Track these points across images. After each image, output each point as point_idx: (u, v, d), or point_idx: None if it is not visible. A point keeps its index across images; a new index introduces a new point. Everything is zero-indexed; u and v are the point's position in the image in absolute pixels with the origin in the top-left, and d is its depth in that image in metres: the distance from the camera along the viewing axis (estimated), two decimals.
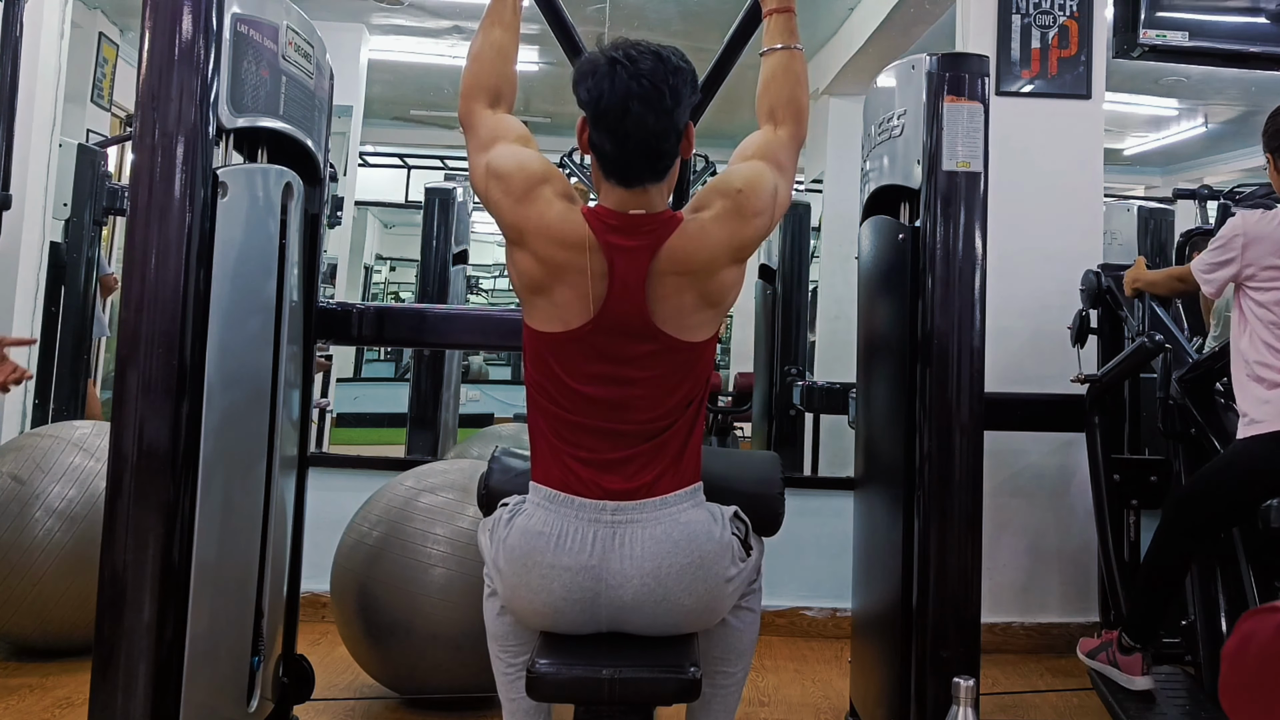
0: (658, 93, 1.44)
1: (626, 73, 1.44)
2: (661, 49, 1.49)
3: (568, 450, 1.51)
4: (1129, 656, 2.28)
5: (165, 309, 1.58)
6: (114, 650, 1.56)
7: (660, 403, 1.51)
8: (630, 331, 1.48)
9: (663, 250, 1.47)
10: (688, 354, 1.52)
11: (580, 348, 1.49)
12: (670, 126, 1.47)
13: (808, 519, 3.00)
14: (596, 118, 1.48)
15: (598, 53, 1.49)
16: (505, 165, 1.52)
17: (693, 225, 1.49)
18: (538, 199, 1.49)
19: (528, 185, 1.49)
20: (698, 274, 1.49)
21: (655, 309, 1.48)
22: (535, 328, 1.53)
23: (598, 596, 1.48)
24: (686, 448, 1.53)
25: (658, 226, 1.48)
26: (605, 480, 1.49)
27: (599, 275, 1.46)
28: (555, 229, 1.47)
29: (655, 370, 1.50)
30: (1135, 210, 3.83)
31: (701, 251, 1.49)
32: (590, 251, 1.46)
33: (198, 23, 1.61)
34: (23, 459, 2.58)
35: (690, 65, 1.52)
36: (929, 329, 1.93)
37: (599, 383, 1.49)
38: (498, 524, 1.56)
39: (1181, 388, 2.45)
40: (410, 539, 2.28)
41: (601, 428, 1.50)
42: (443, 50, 5.93)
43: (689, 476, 1.53)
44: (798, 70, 1.66)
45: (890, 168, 2.10)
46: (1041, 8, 3.17)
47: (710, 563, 1.50)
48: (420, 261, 4.10)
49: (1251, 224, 2.14)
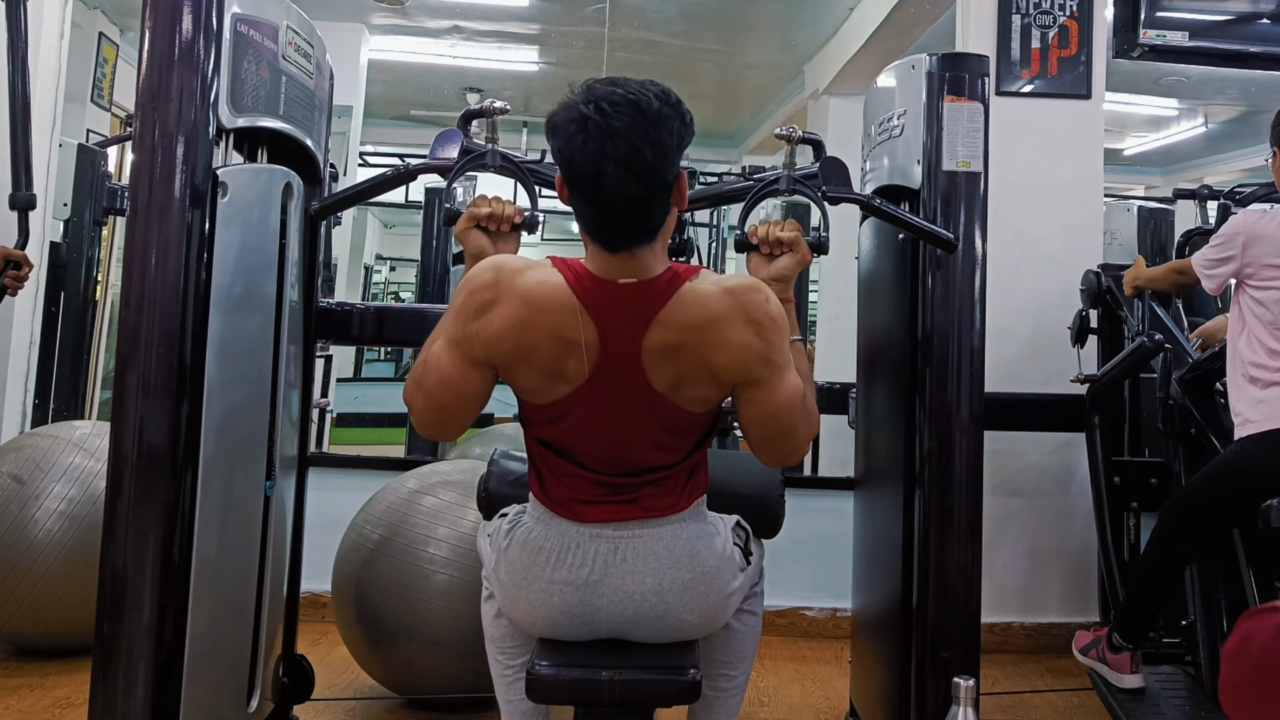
0: (635, 153, 1.29)
1: (599, 131, 1.29)
2: (642, 95, 1.31)
3: (566, 489, 1.47)
4: (1118, 655, 2.29)
5: (165, 309, 1.58)
6: (114, 650, 1.56)
7: (659, 457, 1.45)
8: (627, 395, 1.39)
9: (658, 319, 1.36)
10: (690, 420, 1.44)
11: (575, 408, 1.41)
12: (654, 188, 1.33)
13: (808, 519, 2.99)
14: (570, 180, 1.35)
15: (570, 101, 1.33)
16: (488, 353, 1.38)
17: (690, 294, 1.37)
18: (498, 314, 1.35)
19: (509, 340, 1.36)
20: (695, 345, 1.37)
21: (653, 375, 1.38)
22: (529, 401, 1.44)
23: (598, 612, 1.46)
24: (690, 481, 1.49)
25: (652, 296, 1.36)
26: (607, 513, 1.45)
27: (591, 344, 1.36)
28: (539, 300, 1.35)
29: (653, 430, 1.42)
30: (1135, 210, 3.83)
31: (701, 322, 1.36)
32: (581, 317, 1.35)
33: (198, 23, 1.60)
34: (23, 459, 2.58)
35: (676, 105, 1.35)
36: (929, 329, 1.93)
37: (595, 439, 1.43)
38: (497, 534, 1.54)
39: (1181, 388, 2.45)
40: (412, 541, 2.28)
41: (600, 480, 1.45)
42: (443, 50, 5.92)
43: (694, 497, 1.50)
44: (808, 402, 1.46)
45: (890, 168, 2.10)
46: (1041, 8, 3.17)
47: (712, 577, 1.48)
48: (420, 261, 4.11)
49: (1253, 223, 2.14)
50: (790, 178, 1.86)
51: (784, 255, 1.61)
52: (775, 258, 1.62)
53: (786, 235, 1.61)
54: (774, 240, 1.61)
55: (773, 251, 1.62)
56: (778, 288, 1.54)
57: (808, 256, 1.62)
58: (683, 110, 1.36)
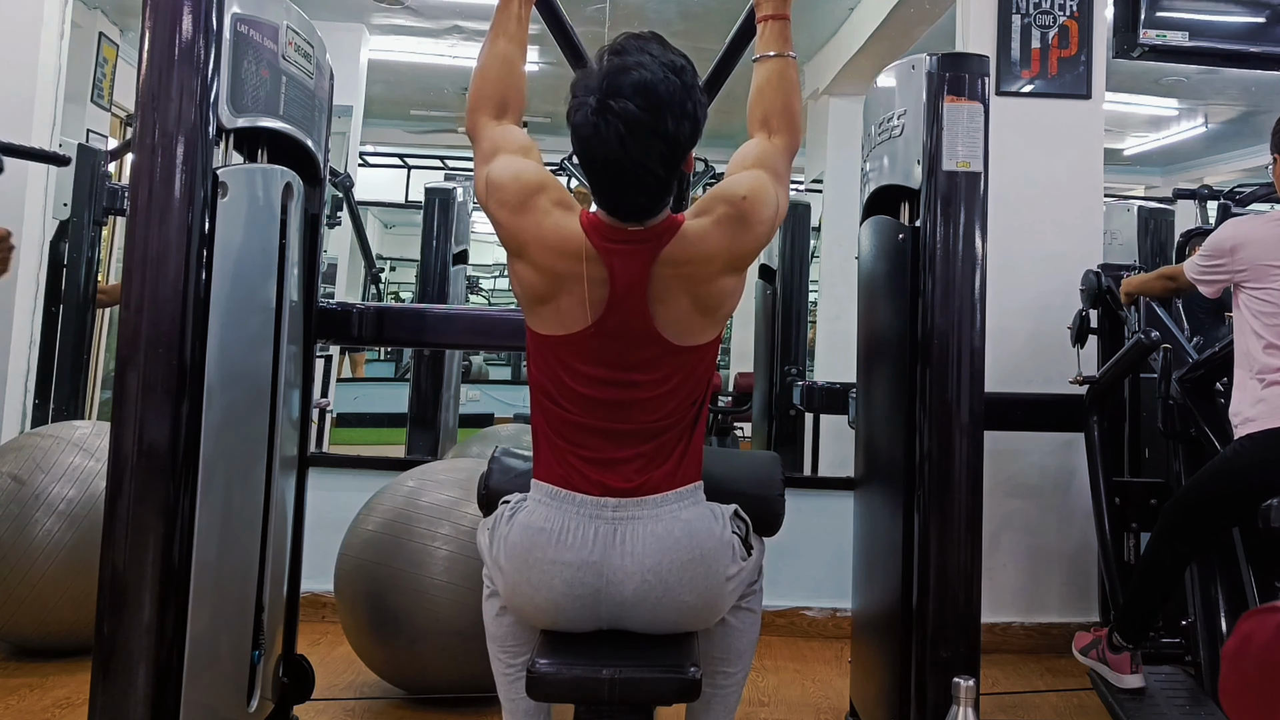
0: (647, 152, 1.40)
1: (615, 135, 1.39)
2: (659, 84, 1.40)
3: (569, 449, 1.51)
4: (1118, 655, 2.29)
5: (165, 309, 1.58)
6: (114, 650, 1.56)
7: (661, 405, 1.51)
8: (631, 336, 1.48)
9: (662, 255, 1.46)
10: (688, 357, 1.52)
11: (581, 351, 1.49)
12: (669, 173, 1.44)
13: (808, 519, 2.99)
14: (586, 166, 1.46)
15: (591, 83, 1.42)
16: (501, 176, 1.51)
17: (693, 229, 1.48)
18: (533, 209, 1.48)
19: (523, 195, 1.48)
20: (696, 279, 1.48)
21: (656, 314, 1.48)
22: (537, 331, 1.53)
23: (598, 592, 1.48)
24: (688, 447, 1.54)
25: (657, 235, 1.47)
26: (607, 478, 1.49)
27: (598, 282, 1.46)
28: (551, 238, 1.46)
29: (656, 373, 1.50)
30: (1135, 210, 3.83)
31: (700, 256, 1.47)
32: (588, 260, 1.45)
33: (198, 23, 1.60)
34: (23, 459, 2.58)
35: (690, 88, 1.44)
36: (929, 329, 1.93)
37: (600, 385, 1.50)
38: (499, 521, 1.56)
39: (1181, 387, 2.45)
40: (414, 537, 2.29)
41: (603, 428, 1.50)
42: (443, 50, 5.93)
43: (690, 475, 1.54)
44: (791, 78, 1.63)
45: (890, 168, 2.10)
46: (1041, 8, 3.17)
47: (710, 559, 1.50)
48: (420, 261, 4.11)
49: (1245, 228, 2.18)
50: None
51: None
52: None
53: None
54: None
55: None
56: (775, 3, 1.66)
57: None
58: (693, 90, 1.45)
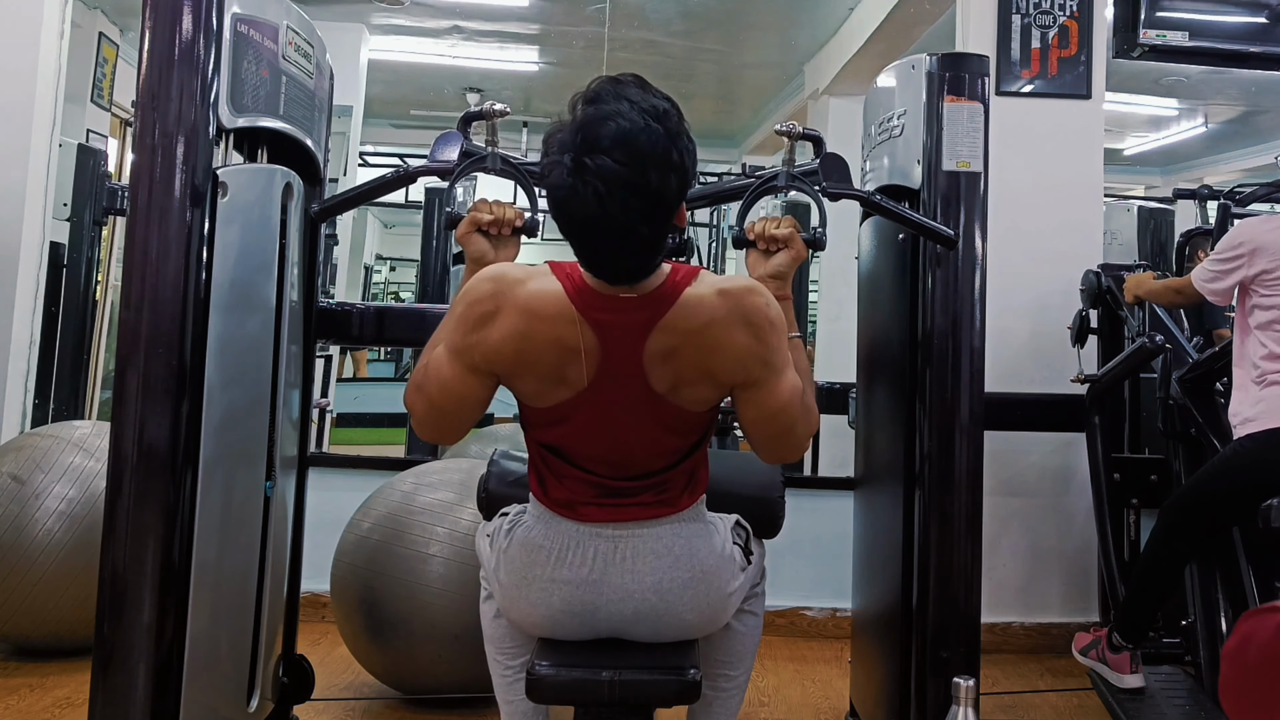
0: (628, 212, 1.27)
1: (594, 194, 1.25)
2: (640, 134, 1.27)
3: (566, 490, 1.47)
4: (1118, 655, 2.29)
5: (165, 309, 1.58)
6: (114, 650, 1.56)
7: (660, 459, 1.45)
8: (627, 399, 1.39)
9: (659, 326, 1.36)
10: (690, 420, 1.44)
11: (576, 412, 1.41)
12: (656, 233, 1.31)
13: (808, 519, 2.99)
14: (564, 229, 1.32)
15: (565, 138, 1.29)
16: (471, 359, 1.37)
17: (693, 298, 1.36)
18: (498, 326, 1.35)
19: (483, 321, 1.35)
20: (702, 348, 1.37)
21: (654, 378, 1.38)
22: (530, 405, 1.44)
23: (597, 610, 1.46)
24: (691, 481, 1.50)
25: (653, 302, 1.36)
26: (606, 512, 1.45)
27: (591, 351, 1.36)
28: (538, 310, 1.35)
29: (654, 431, 1.42)
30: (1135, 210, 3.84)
31: (698, 327, 1.36)
32: (580, 327, 1.35)
33: (198, 23, 1.60)
34: (23, 459, 2.58)
35: (675, 136, 1.31)
36: (929, 329, 1.93)
37: (595, 441, 1.43)
38: (497, 534, 1.54)
39: (1181, 388, 2.45)
40: (411, 537, 2.29)
41: (601, 482, 1.45)
42: (443, 50, 5.92)
43: (694, 497, 1.51)
44: (803, 366, 1.47)
45: (890, 168, 2.10)
46: (1041, 8, 3.17)
47: (712, 575, 1.48)
48: (420, 261, 4.11)
49: (1260, 232, 2.17)
50: (788, 174, 1.86)
51: (780, 252, 1.61)
52: (772, 254, 1.62)
53: (781, 232, 1.61)
54: (769, 236, 1.61)
55: (769, 248, 1.62)
56: (775, 284, 1.55)
57: (803, 253, 1.62)
58: (679, 138, 1.32)
